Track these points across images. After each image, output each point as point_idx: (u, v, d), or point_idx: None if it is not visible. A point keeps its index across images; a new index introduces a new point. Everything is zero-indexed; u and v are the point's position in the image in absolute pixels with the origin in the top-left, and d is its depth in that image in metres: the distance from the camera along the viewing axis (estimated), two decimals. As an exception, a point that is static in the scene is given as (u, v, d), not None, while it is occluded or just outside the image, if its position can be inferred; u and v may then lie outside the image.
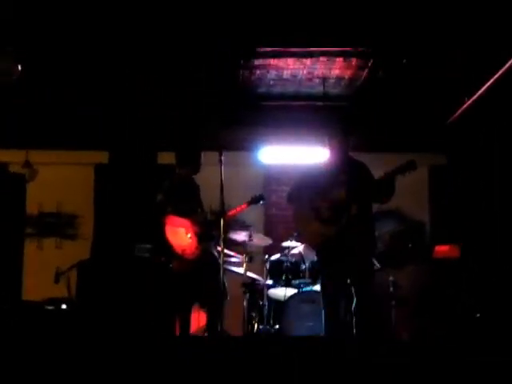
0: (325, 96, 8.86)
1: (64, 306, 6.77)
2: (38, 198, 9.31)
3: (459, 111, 8.51)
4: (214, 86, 8.41)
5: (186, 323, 6.45)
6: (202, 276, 6.41)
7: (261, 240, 7.55)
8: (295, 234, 7.34)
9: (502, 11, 6.41)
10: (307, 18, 6.78)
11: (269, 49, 7.49)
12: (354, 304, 6.06)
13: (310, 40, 7.24)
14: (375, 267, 6.84)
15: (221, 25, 6.87)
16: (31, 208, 8.95)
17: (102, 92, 8.33)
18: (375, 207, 6.29)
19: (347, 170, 6.21)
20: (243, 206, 6.85)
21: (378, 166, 6.28)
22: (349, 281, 6.08)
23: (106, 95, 8.36)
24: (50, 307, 6.74)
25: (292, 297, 7.16)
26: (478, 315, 6.75)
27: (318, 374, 4.81)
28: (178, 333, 6.39)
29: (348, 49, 7.48)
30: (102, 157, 8.85)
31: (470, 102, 8.18)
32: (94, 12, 6.65)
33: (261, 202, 6.99)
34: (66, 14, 6.66)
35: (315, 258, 6.70)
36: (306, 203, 6.22)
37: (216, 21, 6.82)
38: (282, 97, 9.05)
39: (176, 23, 6.84)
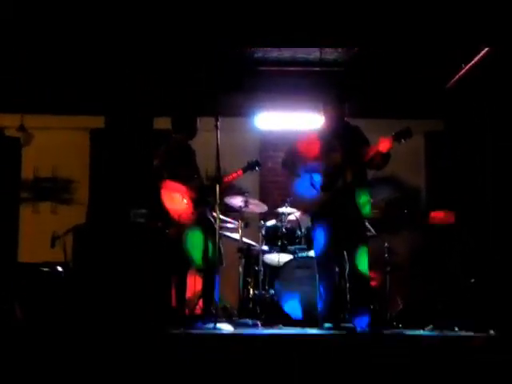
0: (321, 62, 8.82)
1: (60, 269, 6.80)
2: (34, 162, 9.29)
3: (456, 77, 8.49)
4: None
5: (181, 288, 6.48)
6: (198, 241, 6.42)
7: (256, 206, 7.56)
8: (289, 200, 7.34)
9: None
10: (305, 18, 6.86)
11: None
12: (347, 270, 6.09)
13: (309, 40, 7.47)
14: (371, 233, 6.86)
15: (221, 24, 6.93)
16: (27, 172, 8.89)
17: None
18: (371, 174, 6.28)
19: (342, 135, 6.19)
20: (239, 173, 6.82)
21: (373, 132, 6.26)
22: (343, 246, 6.10)
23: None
24: (46, 269, 6.77)
25: (287, 262, 7.18)
26: (473, 281, 6.78)
27: (318, 373, 4.84)
28: (173, 298, 6.42)
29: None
30: (98, 121, 8.80)
31: (467, 67, 8.16)
32: (95, 11, 6.68)
33: (256, 168, 6.96)
34: (67, 14, 6.70)
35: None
36: (300, 168, 6.22)
37: (216, 20, 6.88)
38: (279, 62, 9.01)
39: (176, 23, 6.87)
